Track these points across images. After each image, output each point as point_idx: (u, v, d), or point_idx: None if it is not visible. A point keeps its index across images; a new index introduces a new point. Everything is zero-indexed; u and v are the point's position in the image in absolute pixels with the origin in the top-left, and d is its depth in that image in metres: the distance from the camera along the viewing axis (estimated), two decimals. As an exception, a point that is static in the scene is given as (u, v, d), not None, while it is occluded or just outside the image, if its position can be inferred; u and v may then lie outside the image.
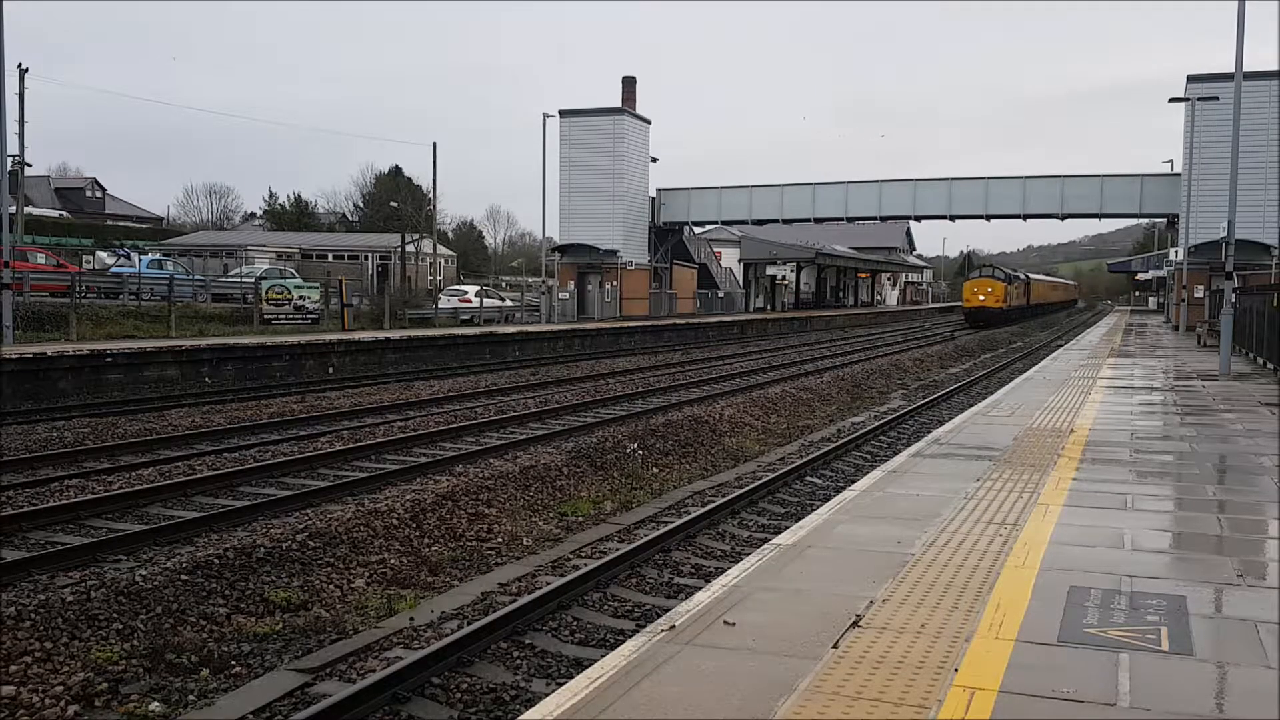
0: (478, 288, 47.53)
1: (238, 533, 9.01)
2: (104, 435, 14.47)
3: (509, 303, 48.96)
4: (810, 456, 13.76)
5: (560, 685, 4.74)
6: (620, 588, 8.08)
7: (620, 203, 50.15)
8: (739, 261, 68.83)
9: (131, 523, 9.58)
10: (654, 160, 52.92)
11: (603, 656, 4.79)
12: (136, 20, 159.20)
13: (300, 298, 32.93)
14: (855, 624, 4.85)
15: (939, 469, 9.22)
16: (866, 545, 6.42)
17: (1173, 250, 45.31)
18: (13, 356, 18.82)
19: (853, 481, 9.95)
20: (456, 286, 50.72)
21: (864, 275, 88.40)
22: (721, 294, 65.50)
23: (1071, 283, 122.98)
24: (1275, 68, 36.41)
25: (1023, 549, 6.27)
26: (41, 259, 36.44)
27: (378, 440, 13.86)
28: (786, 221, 53.30)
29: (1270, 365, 21.36)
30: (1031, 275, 76.77)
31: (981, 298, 55.47)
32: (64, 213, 74.72)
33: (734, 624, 4.88)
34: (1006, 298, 56.44)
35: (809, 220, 52.79)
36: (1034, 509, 7.44)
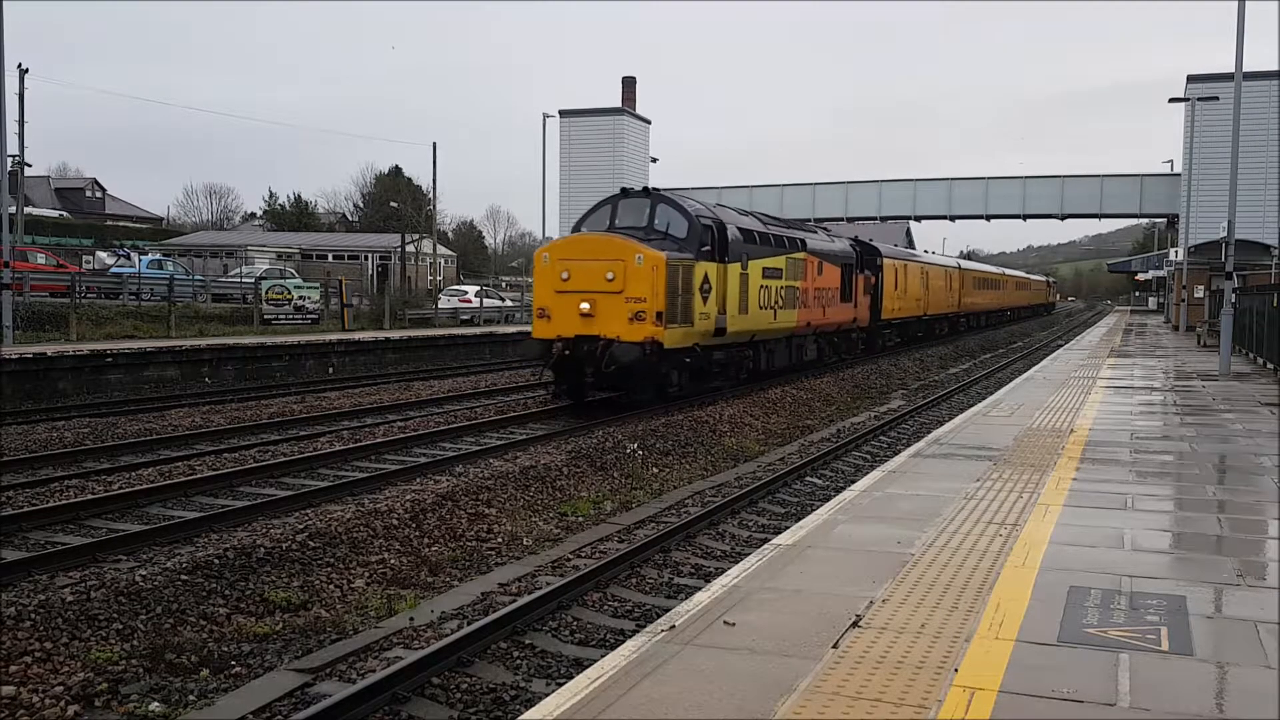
0: (478, 288, 47.56)
1: (238, 533, 9.01)
2: (104, 435, 14.46)
3: (509, 303, 48.96)
4: (810, 457, 13.76)
5: (560, 685, 4.75)
6: (620, 588, 8.08)
7: (620, 203, 50.09)
8: (739, 261, 68.67)
9: (131, 523, 9.58)
10: (654, 160, 52.96)
11: (603, 656, 4.79)
12: (136, 20, 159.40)
13: (300, 298, 32.93)
14: (855, 624, 4.85)
15: (939, 469, 9.22)
16: (866, 545, 6.43)
17: (1173, 250, 45.34)
18: (13, 356, 18.82)
19: (853, 482, 9.96)
20: (456, 286, 50.75)
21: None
22: (721, 294, 65.36)
23: (1037, 278, 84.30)
24: (1275, 68, 36.44)
25: (1023, 549, 6.27)
26: (41, 259, 36.48)
27: (378, 440, 13.85)
28: (786, 222, 53.28)
29: (1270, 365, 21.36)
30: (916, 257, 37.99)
31: (584, 305, 15.58)
32: (64, 213, 74.77)
33: (734, 624, 4.88)
34: (673, 302, 15.77)
35: (809, 220, 52.77)
36: (1034, 509, 7.44)
